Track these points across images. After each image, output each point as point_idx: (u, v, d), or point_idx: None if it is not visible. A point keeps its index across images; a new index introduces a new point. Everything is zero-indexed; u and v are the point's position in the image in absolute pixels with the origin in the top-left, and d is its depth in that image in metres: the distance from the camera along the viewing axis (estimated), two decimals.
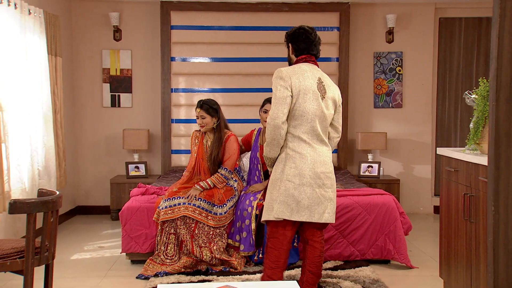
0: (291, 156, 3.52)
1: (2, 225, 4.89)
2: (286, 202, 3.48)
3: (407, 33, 7.22)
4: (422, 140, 7.26)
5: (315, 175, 3.51)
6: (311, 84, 3.51)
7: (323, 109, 3.56)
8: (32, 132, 5.32)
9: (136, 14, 7.07)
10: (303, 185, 3.48)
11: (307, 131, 3.52)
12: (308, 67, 3.59)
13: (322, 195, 3.53)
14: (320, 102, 3.54)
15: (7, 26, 4.90)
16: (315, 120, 3.53)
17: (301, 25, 3.78)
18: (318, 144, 3.57)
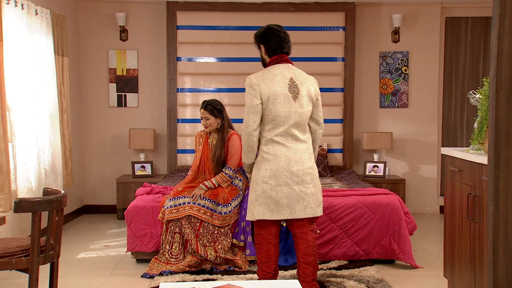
0: (266, 159, 3.63)
1: (9, 224, 4.92)
2: (265, 203, 3.60)
3: (413, 33, 7.20)
4: (428, 140, 7.24)
5: (292, 173, 3.60)
6: (281, 88, 3.60)
7: (297, 109, 3.64)
8: (38, 132, 5.36)
9: (142, 14, 7.10)
10: (279, 185, 3.58)
11: (281, 133, 3.62)
12: (278, 70, 3.68)
13: (302, 192, 3.62)
14: (292, 103, 3.62)
15: (14, 27, 4.94)
16: (288, 122, 3.62)
17: (268, 24, 3.84)
18: (293, 144, 3.65)
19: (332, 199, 4.83)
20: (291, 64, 3.77)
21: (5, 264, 2.98)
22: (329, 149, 6.97)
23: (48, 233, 3.05)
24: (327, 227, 4.74)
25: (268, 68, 3.73)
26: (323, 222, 4.74)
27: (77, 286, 4.29)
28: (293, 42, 6.87)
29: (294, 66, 3.78)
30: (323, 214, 4.74)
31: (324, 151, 6.83)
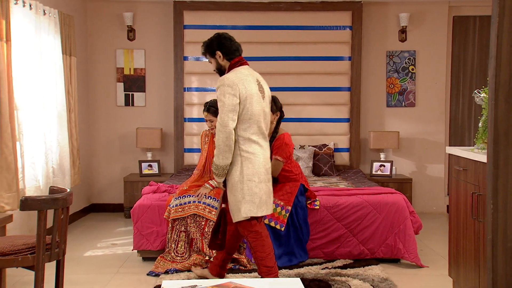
0: (246, 158, 3.69)
1: (17, 222, 4.97)
2: (251, 200, 3.67)
3: (420, 32, 7.18)
4: (435, 139, 7.22)
5: (266, 171, 3.77)
6: (254, 88, 3.71)
7: (265, 109, 3.81)
8: (46, 131, 5.41)
9: (149, 14, 7.13)
10: (260, 182, 3.71)
11: (255, 132, 3.72)
12: (247, 71, 3.77)
13: (269, 189, 3.82)
14: (262, 102, 3.77)
15: (23, 27, 4.99)
16: (260, 121, 3.75)
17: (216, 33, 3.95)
18: (264, 142, 3.80)
19: (337, 198, 4.84)
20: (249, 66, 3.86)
21: (12, 261, 3.01)
22: (335, 148, 6.97)
23: (54, 231, 3.08)
24: (332, 226, 4.75)
25: (236, 70, 3.77)
26: (328, 221, 4.75)
27: (83, 283, 4.33)
28: (300, 41, 6.99)
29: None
30: (328, 213, 4.76)
31: (331, 150, 6.83)
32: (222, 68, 3.86)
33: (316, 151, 6.77)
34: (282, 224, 4.55)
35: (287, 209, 4.58)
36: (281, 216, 4.56)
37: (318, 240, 4.76)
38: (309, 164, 6.61)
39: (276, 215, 4.56)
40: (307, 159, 6.61)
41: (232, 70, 3.76)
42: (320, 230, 4.76)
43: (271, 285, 2.44)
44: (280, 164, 4.59)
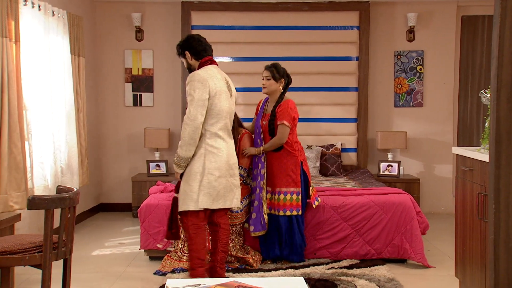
0: (210, 152, 3.86)
1: (27, 221, 5.02)
2: (209, 193, 3.84)
3: (429, 32, 7.16)
4: (443, 139, 7.20)
5: (229, 166, 3.93)
6: (223, 85, 3.93)
7: (231, 106, 4.02)
8: (55, 131, 5.45)
9: (157, 14, 7.17)
10: (220, 177, 3.87)
11: (222, 127, 3.92)
12: (216, 69, 3.98)
13: (232, 184, 3.97)
14: (230, 100, 3.98)
15: (31, 27, 5.03)
16: (227, 117, 3.96)
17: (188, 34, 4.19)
18: (229, 138, 4.00)
19: (343, 198, 4.85)
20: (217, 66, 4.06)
21: (19, 260, 3.04)
22: (343, 148, 6.97)
23: (61, 230, 3.11)
24: (338, 226, 4.75)
25: (205, 68, 3.94)
26: (334, 221, 4.75)
27: (91, 282, 4.37)
28: (307, 41, 6.99)
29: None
30: (335, 213, 4.77)
31: (338, 150, 6.83)
32: (192, 67, 4.04)
33: (323, 151, 6.77)
34: (298, 209, 4.54)
35: (298, 191, 4.56)
36: (294, 201, 4.55)
37: (325, 240, 4.76)
38: (316, 164, 6.61)
39: (289, 203, 4.55)
40: (314, 159, 6.62)
41: (202, 68, 3.94)
42: (326, 230, 4.76)
43: (274, 284, 2.45)
44: (286, 129, 4.56)
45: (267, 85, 4.69)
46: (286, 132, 4.55)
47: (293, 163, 4.58)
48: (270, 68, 4.68)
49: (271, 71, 4.66)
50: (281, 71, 4.69)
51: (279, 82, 4.66)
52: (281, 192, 4.55)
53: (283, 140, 4.54)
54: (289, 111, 4.56)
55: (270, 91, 4.71)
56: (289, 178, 4.57)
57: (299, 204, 4.54)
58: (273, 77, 4.65)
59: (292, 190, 4.56)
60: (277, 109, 4.60)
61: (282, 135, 4.53)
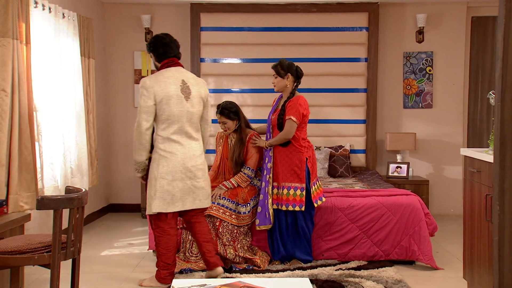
0: (163, 156, 3.99)
1: (37, 222, 5.06)
2: (162, 197, 3.98)
3: (438, 33, 7.14)
4: (453, 141, 7.17)
5: (186, 169, 4.01)
6: (174, 89, 4.00)
7: (189, 109, 4.05)
8: (65, 132, 5.49)
9: (167, 16, 7.21)
10: (175, 180, 3.98)
11: (176, 131, 4.00)
12: (170, 73, 4.07)
13: (193, 186, 4.06)
14: (184, 103, 4.03)
15: (42, 29, 5.08)
16: (181, 121, 4.01)
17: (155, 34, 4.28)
18: (188, 141, 4.06)
19: (351, 199, 4.85)
20: (181, 67, 4.18)
21: (28, 259, 3.08)
22: (351, 149, 6.96)
23: (69, 230, 3.14)
24: (346, 227, 4.75)
25: (161, 71, 4.09)
26: (342, 222, 4.75)
27: (99, 282, 4.40)
28: (316, 43, 6.99)
29: (184, 69, 4.20)
30: (342, 214, 4.77)
31: (347, 151, 6.82)
32: (158, 68, 4.18)
33: (332, 152, 6.76)
34: (301, 205, 4.53)
35: (302, 187, 4.55)
36: (298, 197, 4.55)
37: (332, 241, 4.76)
38: (325, 165, 6.61)
39: (292, 198, 4.55)
40: (322, 160, 6.62)
41: (155, 73, 4.10)
42: (334, 231, 4.77)
43: (279, 284, 2.47)
44: (293, 124, 4.55)
45: (276, 82, 4.72)
46: (293, 127, 4.55)
47: (298, 159, 4.57)
48: (275, 66, 4.72)
49: (276, 69, 4.70)
50: (286, 66, 4.70)
51: (285, 78, 4.67)
52: (285, 187, 4.56)
53: (289, 135, 4.55)
54: (298, 107, 4.56)
55: (279, 88, 4.73)
56: (293, 173, 4.56)
57: (302, 200, 4.53)
58: (278, 74, 4.68)
59: (296, 186, 4.55)
60: (287, 104, 4.62)
61: (288, 130, 4.54)
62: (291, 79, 4.68)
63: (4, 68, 4.35)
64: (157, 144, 4.02)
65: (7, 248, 3.09)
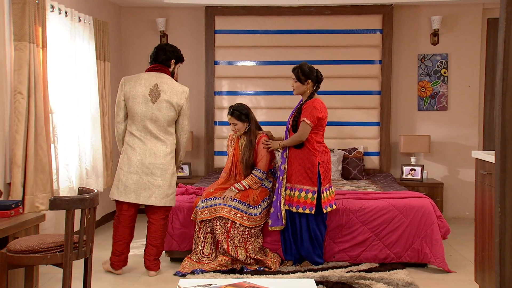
0: (126, 148, 4.46)
1: (53, 222, 5.15)
2: (116, 185, 4.42)
3: (453, 35, 7.10)
4: (468, 143, 7.12)
5: (143, 165, 4.36)
6: (142, 90, 4.37)
7: (154, 111, 4.37)
8: (80, 134, 5.58)
9: (181, 19, 7.28)
10: (130, 172, 4.36)
11: (139, 129, 4.39)
12: (147, 75, 4.47)
13: (149, 182, 4.38)
14: (150, 105, 4.37)
15: (58, 33, 5.17)
16: (144, 120, 4.38)
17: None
18: (150, 140, 4.40)
19: (363, 201, 4.85)
20: (164, 74, 4.51)
21: (41, 258, 3.15)
22: (365, 152, 6.96)
23: (81, 230, 3.20)
24: (358, 229, 4.75)
25: (141, 73, 4.54)
26: (353, 224, 4.76)
27: (112, 282, 4.46)
28: (330, 45, 7.00)
29: (168, 76, 4.52)
30: (354, 216, 4.77)
31: (360, 154, 6.82)
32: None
33: (345, 154, 6.76)
34: (311, 208, 4.54)
35: (314, 191, 4.56)
36: (309, 199, 4.55)
37: (344, 243, 4.77)
38: (338, 167, 6.62)
39: (303, 201, 4.56)
40: (336, 162, 6.62)
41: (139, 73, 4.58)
42: (345, 233, 4.77)
43: (284, 285, 2.49)
44: (306, 126, 4.56)
45: (295, 87, 4.73)
46: (306, 129, 4.56)
47: (310, 162, 4.57)
48: (295, 70, 4.71)
49: (296, 73, 4.69)
50: (306, 72, 4.67)
51: (305, 83, 4.68)
52: (297, 189, 4.58)
53: (303, 137, 4.56)
54: (313, 110, 4.56)
55: (299, 93, 4.74)
56: (306, 176, 4.57)
57: (313, 203, 4.54)
58: (298, 79, 4.68)
59: (307, 188, 4.56)
60: (303, 107, 4.64)
61: (301, 132, 4.56)
62: (311, 84, 4.69)
63: (21, 71, 4.44)
64: (125, 137, 4.50)
65: (21, 247, 3.16)
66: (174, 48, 4.64)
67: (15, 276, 3.70)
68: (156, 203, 4.41)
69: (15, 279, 3.70)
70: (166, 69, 4.56)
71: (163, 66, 4.54)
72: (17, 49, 4.45)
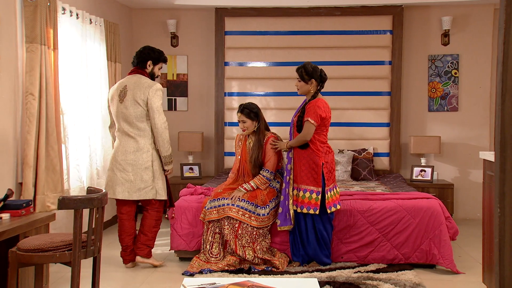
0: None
1: (64, 221, 5.22)
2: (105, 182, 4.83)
3: (464, 35, 7.07)
4: (479, 144, 7.08)
5: (116, 162, 4.68)
6: (115, 93, 4.73)
7: (122, 110, 4.65)
8: (91, 134, 5.64)
9: (192, 21, 7.32)
10: (109, 170, 4.75)
11: (118, 129, 4.75)
12: (124, 79, 4.78)
13: (122, 178, 4.66)
14: (119, 105, 4.68)
15: (69, 35, 5.24)
16: (118, 120, 4.70)
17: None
18: (123, 138, 4.69)
19: (371, 202, 4.85)
20: (139, 74, 4.74)
21: (50, 257, 3.20)
22: (375, 152, 6.95)
23: (89, 230, 3.25)
24: (366, 230, 4.76)
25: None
26: (361, 225, 4.76)
27: (121, 280, 4.51)
28: (340, 46, 7.01)
29: (139, 76, 4.72)
30: (362, 217, 4.77)
31: (370, 154, 6.81)
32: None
33: (355, 155, 6.76)
34: (316, 208, 4.55)
35: (318, 191, 4.57)
36: (313, 200, 4.57)
37: (352, 244, 4.77)
38: (348, 168, 6.62)
39: (307, 201, 4.58)
40: (345, 163, 6.62)
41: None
42: (353, 234, 4.78)
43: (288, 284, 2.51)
44: (311, 126, 4.56)
45: (299, 86, 4.75)
46: (310, 129, 4.57)
47: (314, 163, 4.58)
48: (298, 70, 4.73)
49: (300, 73, 4.71)
50: (310, 72, 4.69)
51: (309, 83, 4.69)
52: (301, 189, 4.60)
53: (307, 137, 4.57)
54: (316, 109, 4.58)
55: (302, 92, 4.76)
56: (310, 176, 4.58)
57: (317, 204, 4.55)
58: (302, 78, 4.70)
59: (312, 189, 4.57)
60: (306, 107, 4.65)
61: (306, 131, 4.57)
62: (315, 84, 4.70)
63: (32, 72, 4.51)
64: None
65: (31, 246, 3.22)
66: (151, 50, 4.80)
67: (26, 275, 3.76)
68: (128, 197, 4.66)
69: (25, 277, 3.76)
70: (142, 71, 4.76)
71: (139, 68, 4.78)
72: (28, 51, 4.52)
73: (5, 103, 4.36)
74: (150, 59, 4.79)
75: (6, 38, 4.35)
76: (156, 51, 4.82)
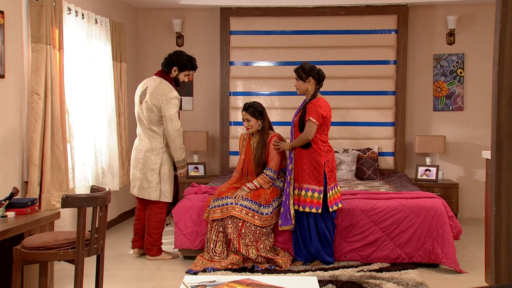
0: None
1: (68, 220, 5.26)
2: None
3: (469, 35, 7.06)
4: (484, 143, 7.06)
5: (132, 159, 4.98)
6: (138, 94, 4.96)
7: (139, 112, 4.91)
8: (96, 134, 5.68)
9: (197, 20, 7.35)
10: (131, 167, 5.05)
11: (137, 127, 5.01)
12: (149, 79, 5.01)
13: (133, 174, 4.98)
14: (138, 106, 4.93)
15: (75, 35, 5.28)
16: (139, 119, 4.95)
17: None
18: (140, 137, 4.95)
19: (374, 201, 4.86)
20: (160, 77, 4.93)
21: (54, 255, 3.23)
22: (380, 152, 6.95)
23: (92, 228, 3.28)
24: (369, 229, 4.77)
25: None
26: (364, 224, 4.77)
27: (126, 279, 4.55)
28: (345, 45, 7.01)
29: (163, 80, 4.90)
30: (365, 216, 4.78)
31: (375, 154, 6.82)
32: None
33: (359, 155, 6.77)
34: (318, 207, 4.57)
35: (320, 190, 4.59)
36: (315, 199, 4.59)
37: (355, 243, 4.79)
38: (352, 168, 6.63)
39: (309, 200, 4.59)
40: (350, 163, 6.63)
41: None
42: (356, 233, 4.79)
43: (287, 282, 2.53)
44: (313, 125, 4.59)
45: (297, 86, 4.78)
46: (312, 128, 4.59)
47: (316, 162, 4.60)
48: (296, 70, 4.78)
49: (297, 72, 4.75)
50: (307, 69, 4.73)
51: (307, 81, 4.72)
52: (303, 188, 4.62)
53: (309, 136, 4.59)
54: (317, 108, 4.60)
55: (301, 91, 4.79)
56: (312, 176, 4.60)
57: (319, 203, 4.57)
58: (300, 77, 4.73)
59: (314, 188, 4.59)
60: (307, 106, 4.67)
61: (308, 131, 4.59)
62: (313, 82, 4.72)
63: (38, 72, 4.55)
64: None
65: (35, 243, 3.25)
66: (179, 56, 4.89)
67: (30, 273, 3.80)
68: (135, 193, 4.97)
69: (30, 275, 3.79)
70: (166, 75, 4.92)
71: (164, 72, 4.94)
72: (34, 50, 4.56)
73: (11, 102, 4.41)
74: (176, 65, 4.92)
75: (12, 38, 4.40)
76: (185, 58, 4.91)
